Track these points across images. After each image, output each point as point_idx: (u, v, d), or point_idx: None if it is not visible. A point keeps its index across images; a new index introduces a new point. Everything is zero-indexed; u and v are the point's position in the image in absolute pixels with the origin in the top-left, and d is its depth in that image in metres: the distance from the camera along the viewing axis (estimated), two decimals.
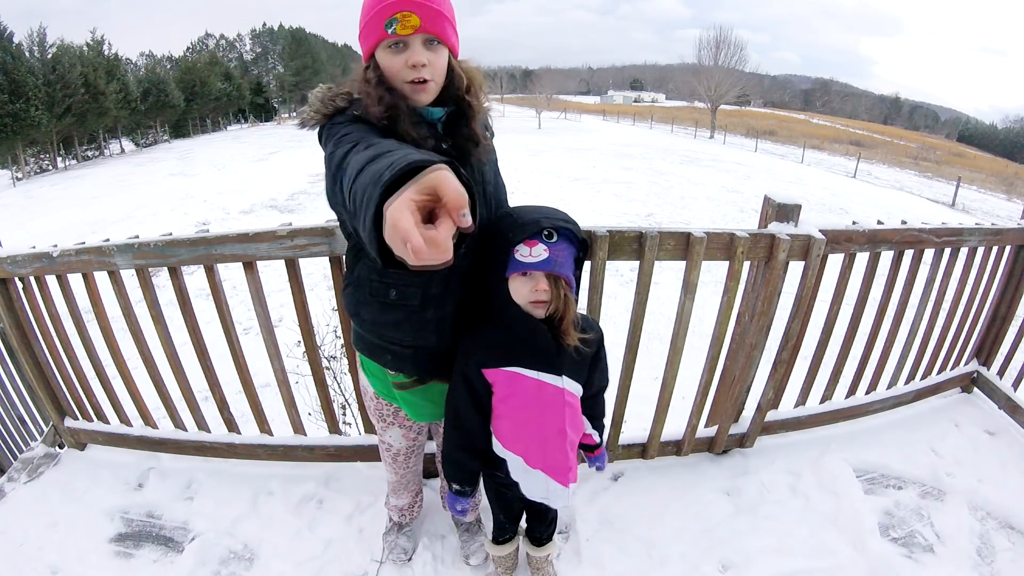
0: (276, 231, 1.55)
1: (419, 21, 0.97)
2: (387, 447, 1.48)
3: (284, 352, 1.85)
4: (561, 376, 1.17)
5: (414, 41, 0.99)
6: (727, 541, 1.72)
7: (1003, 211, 17.53)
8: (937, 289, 2.12)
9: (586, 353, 1.18)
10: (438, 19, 1.00)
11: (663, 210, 10.98)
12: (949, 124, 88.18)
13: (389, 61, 1.01)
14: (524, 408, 1.18)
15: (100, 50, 29.03)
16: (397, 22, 0.97)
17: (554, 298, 1.08)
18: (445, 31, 1.02)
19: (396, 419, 1.40)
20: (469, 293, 1.18)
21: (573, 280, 1.12)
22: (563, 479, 1.23)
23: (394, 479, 1.57)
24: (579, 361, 1.19)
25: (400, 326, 1.18)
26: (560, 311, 1.10)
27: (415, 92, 1.03)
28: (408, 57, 0.99)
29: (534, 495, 1.27)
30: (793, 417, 2.12)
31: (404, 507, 1.65)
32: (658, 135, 33.61)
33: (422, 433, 1.49)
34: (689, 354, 1.79)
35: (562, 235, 1.10)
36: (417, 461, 1.56)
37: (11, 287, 1.82)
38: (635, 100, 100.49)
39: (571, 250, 1.12)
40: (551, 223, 1.10)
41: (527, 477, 1.24)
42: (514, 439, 1.22)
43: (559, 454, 1.21)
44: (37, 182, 19.73)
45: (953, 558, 1.70)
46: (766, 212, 1.71)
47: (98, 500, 1.89)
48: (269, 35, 51.69)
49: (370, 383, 1.35)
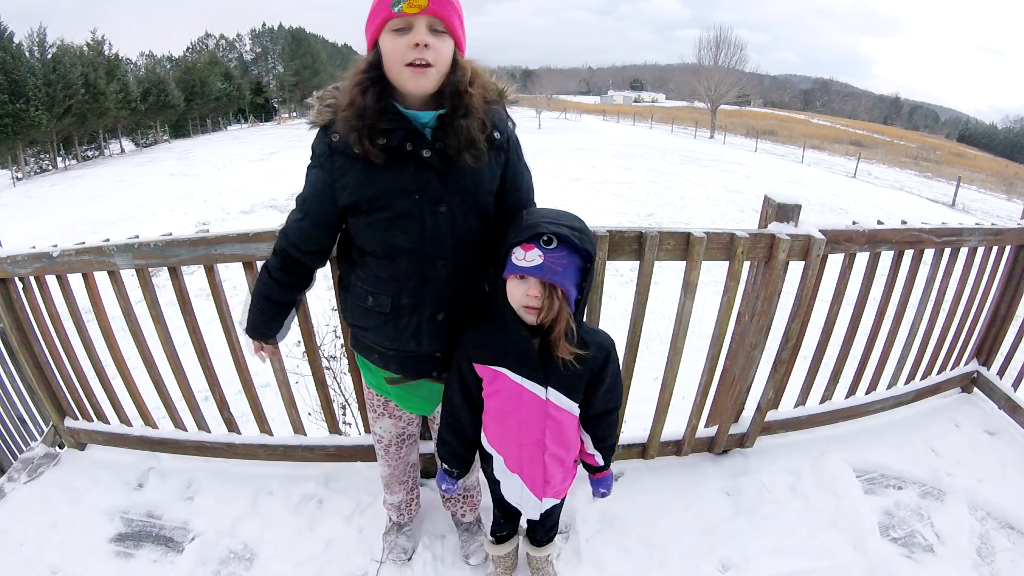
0: (276, 231, 1.54)
1: (426, 2, 0.97)
2: (378, 438, 1.49)
3: (284, 352, 1.84)
4: (546, 388, 1.14)
5: (419, 22, 0.98)
6: (727, 541, 1.72)
7: (1003, 211, 17.54)
8: (937, 289, 2.12)
9: (579, 370, 1.12)
10: (446, 5, 1.00)
11: (663, 210, 10.98)
12: (949, 124, 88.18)
13: (392, 44, 1.00)
14: (505, 408, 1.18)
15: (100, 50, 29.03)
16: (404, 1, 0.96)
17: (545, 306, 1.04)
18: (451, 20, 1.01)
19: (386, 410, 1.42)
20: (452, 301, 1.17)
21: (572, 291, 1.05)
22: (537, 491, 1.24)
23: (387, 472, 1.56)
24: (572, 376, 1.13)
25: (378, 330, 1.21)
26: (552, 320, 1.05)
27: (415, 76, 1.00)
28: (411, 38, 0.98)
29: (510, 497, 1.29)
30: (793, 417, 2.12)
31: (399, 504, 1.64)
32: (658, 135, 33.62)
33: (412, 424, 1.49)
34: (689, 354, 1.79)
35: (564, 242, 1.04)
36: (408, 452, 1.55)
37: (11, 287, 1.82)
38: (635, 100, 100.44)
39: (573, 259, 1.05)
40: (554, 229, 1.04)
41: (505, 478, 1.26)
42: (496, 438, 1.24)
43: (536, 465, 1.21)
44: (37, 182, 19.73)
45: (953, 558, 1.69)
46: (766, 212, 1.71)
47: (98, 500, 1.89)
48: (269, 35, 51.67)
49: (364, 375, 1.38)
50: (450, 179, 1.09)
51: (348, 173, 1.08)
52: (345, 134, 1.04)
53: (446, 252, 1.13)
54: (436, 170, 1.07)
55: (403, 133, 1.05)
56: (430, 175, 1.07)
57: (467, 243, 1.14)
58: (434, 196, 1.08)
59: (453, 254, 1.13)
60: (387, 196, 1.08)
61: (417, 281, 1.14)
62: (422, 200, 1.08)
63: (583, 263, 1.08)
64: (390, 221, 1.09)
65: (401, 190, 1.07)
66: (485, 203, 1.15)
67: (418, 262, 1.13)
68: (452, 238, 1.12)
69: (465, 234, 1.13)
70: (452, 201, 1.10)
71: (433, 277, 1.14)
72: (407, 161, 1.06)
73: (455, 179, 1.09)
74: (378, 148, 1.03)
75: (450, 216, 1.10)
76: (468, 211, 1.12)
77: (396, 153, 1.05)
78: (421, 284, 1.14)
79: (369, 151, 1.03)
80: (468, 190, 1.11)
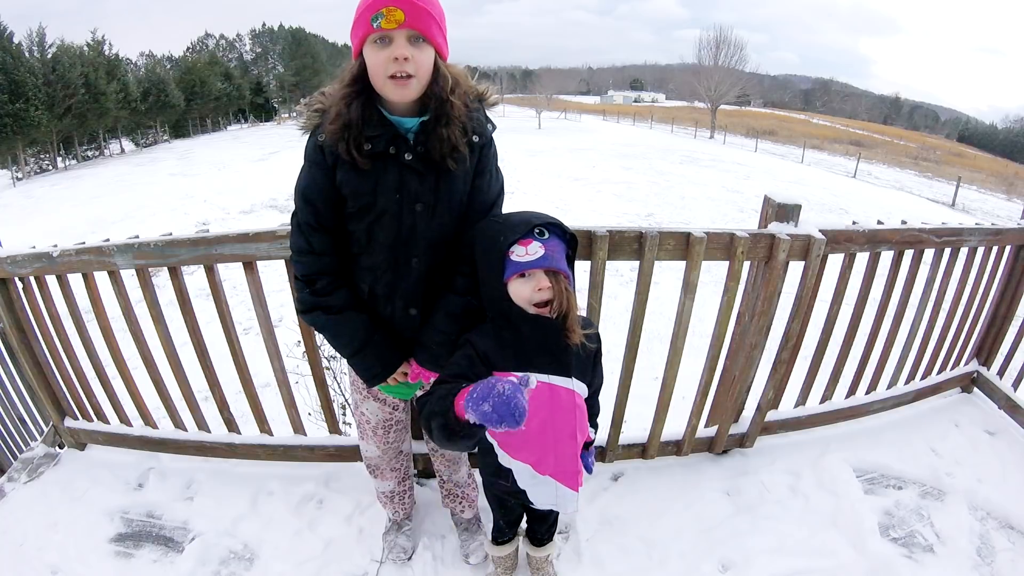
0: (276, 231, 1.55)
1: (403, 16, 1.00)
2: (366, 420, 1.48)
3: (284, 352, 1.85)
4: (571, 378, 1.16)
5: (398, 36, 1.02)
6: (727, 541, 1.72)
7: (1003, 211, 17.53)
8: (937, 289, 2.12)
9: (590, 350, 1.18)
10: (423, 16, 1.02)
11: (663, 210, 10.97)
12: (949, 124, 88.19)
13: (374, 57, 1.04)
14: (536, 415, 1.12)
15: (100, 50, 28.98)
16: (382, 16, 1.00)
17: (556, 294, 1.09)
18: (430, 29, 1.04)
19: (370, 392, 1.43)
20: (423, 297, 1.22)
21: (571, 275, 1.12)
22: (573, 483, 1.21)
23: (375, 453, 1.53)
24: (584, 360, 1.18)
25: None
26: (565, 307, 1.10)
27: (397, 88, 1.06)
28: (391, 51, 1.02)
29: (543, 503, 1.24)
30: (793, 417, 2.12)
31: (391, 493, 1.61)
32: (658, 135, 33.61)
33: (398, 409, 1.49)
34: (689, 354, 1.79)
35: (552, 232, 1.12)
36: (397, 439, 1.53)
37: (11, 287, 1.82)
38: (635, 100, 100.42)
39: (562, 247, 1.13)
40: (541, 221, 1.12)
41: (535, 484, 1.21)
42: (522, 448, 1.19)
43: (570, 459, 1.19)
44: (37, 182, 19.72)
45: (953, 558, 1.70)
46: (766, 212, 1.71)
47: (98, 500, 1.90)
48: (269, 35, 51.67)
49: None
50: (428, 180, 1.15)
51: (340, 170, 1.13)
52: (333, 144, 1.10)
53: (419, 249, 1.18)
54: (417, 172, 1.13)
55: (387, 138, 1.11)
56: (410, 176, 1.13)
57: (440, 241, 1.20)
58: (412, 195, 1.14)
59: (426, 251, 1.19)
60: (372, 194, 1.14)
61: (392, 275, 1.20)
62: (402, 199, 1.14)
63: (567, 250, 1.16)
64: (373, 217, 1.15)
65: (384, 189, 1.13)
66: (459, 202, 1.20)
67: (394, 257, 1.18)
68: (426, 236, 1.18)
69: (438, 232, 1.19)
70: (428, 200, 1.16)
71: (406, 273, 1.20)
72: (390, 163, 1.12)
73: (433, 180, 1.15)
74: (364, 155, 1.09)
75: (425, 214, 1.16)
76: (443, 210, 1.18)
77: (380, 156, 1.11)
78: (396, 278, 1.20)
79: (357, 160, 1.09)
80: (445, 191, 1.16)
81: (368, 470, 1.61)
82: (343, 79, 1.10)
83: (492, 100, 1.21)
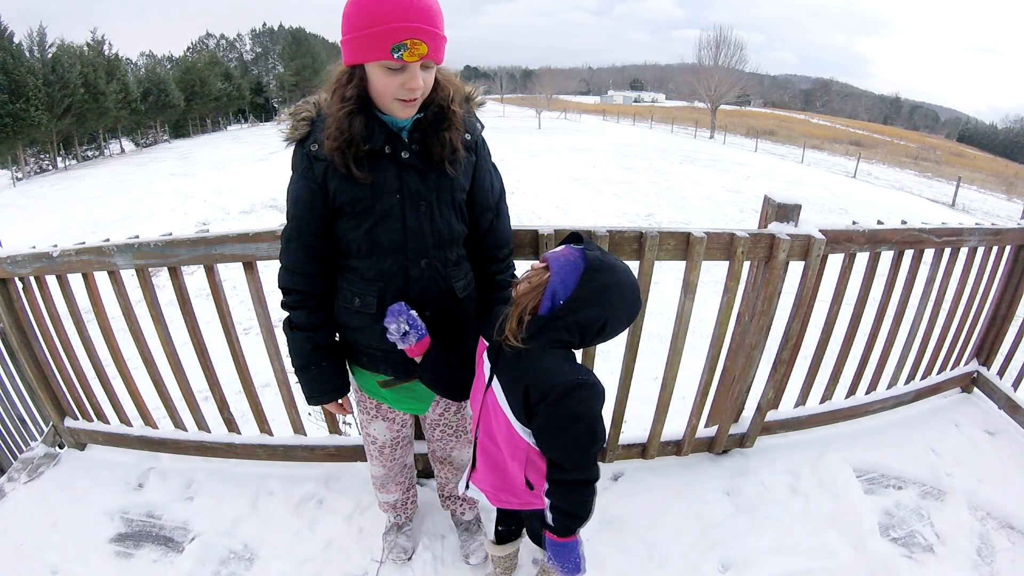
0: (276, 231, 1.55)
1: (427, 50, 0.97)
2: (372, 440, 1.48)
3: (284, 352, 1.84)
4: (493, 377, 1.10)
5: (414, 66, 0.99)
6: (727, 541, 1.72)
7: (1003, 211, 17.52)
8: (937, 289, 2.12)
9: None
10: (441, 44, 1.01)
11: (663, 210, 10.96)
12: (949, 124, 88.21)
13: (384, 81, 1.01)
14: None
15: (100, 50, 28.99)
16: (406, 49, 0.95)
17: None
18: (441, 53, 1.03)
19: (379, 412, 1.42)
20: (435, 299, 1.20)
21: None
22: (469, 474, 1.25)
23: (381, 472, 1.55)
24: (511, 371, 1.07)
25: (366, 331, 1.22)
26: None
27: (405, 108, 1.05)
28: (406, 81, 1.00)
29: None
30: (793, 417, 2.12)
31: (395, 503, 1.63)
32: (658, 135, 33.60)
33: (406, 425, 1.49)
34: (689, 354, 1.79)
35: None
36: (403, 454, 1.55)
37: (11, 287, 1.82)
38: (635, 100, 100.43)
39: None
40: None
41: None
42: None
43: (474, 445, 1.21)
44: (37, 182, 19.71)
45: (953, 558, 1.70)
46: (766, 212, 1.71)
47: (98, 500, 1.89)
48: (269, 35, 51.70)
49: (355, 378, 1.37)
50: (429, 177, 1.14)
51: (332, 178, 1.11)
52: (328, 154, 1.07)
53: (427, 249, 1.17)
54: (417, 170, 1.12)
55: (383, 137, 1.09)
56: (411, 174, 1.12)
57: (446, 240, 1.19)
58: (415, 194, 1.13)
59: (434, 251, 1.18)
60: (371, 196, 1.11)
61: (402, 280, 1.17)
62: (403, 198, 1.12)
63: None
64: (374, 220, 1.13)
65: (384, 190, 1.11)
66: (461, 200, 1.20)
67: (402, 260, 1.16)
68: (433, 235, 1.16)
69: (444, 231, 1.18)
70: (431, 199, 1.14)
71: (417, 276, 1.18)
72: (388, 162, 1.10)
73: (434, 177, 1.14)
74: (362, 164, 1.07)
75: (430, 213, 1.15)
76: (446, 208, 1.17)
77: (376, 155, 1.09)
78: (406, 283, 1.17)
79: (356, 174, 1.07)
80: (445, 188, 1.16)
81: (373, 485, 1.62)
82: (340, 93, 1.05)
83: (478, 101, 1.21)
